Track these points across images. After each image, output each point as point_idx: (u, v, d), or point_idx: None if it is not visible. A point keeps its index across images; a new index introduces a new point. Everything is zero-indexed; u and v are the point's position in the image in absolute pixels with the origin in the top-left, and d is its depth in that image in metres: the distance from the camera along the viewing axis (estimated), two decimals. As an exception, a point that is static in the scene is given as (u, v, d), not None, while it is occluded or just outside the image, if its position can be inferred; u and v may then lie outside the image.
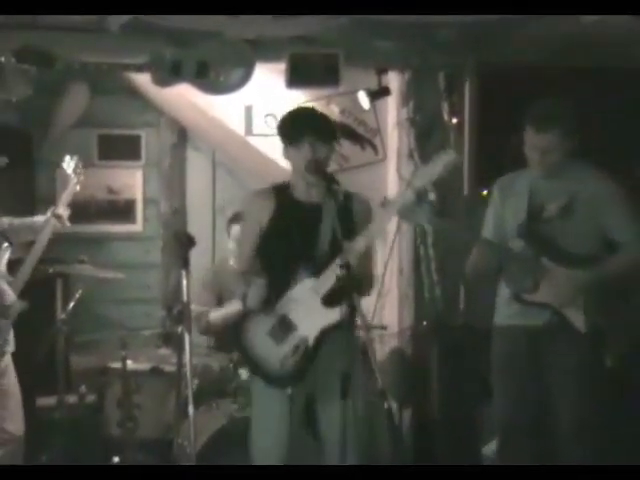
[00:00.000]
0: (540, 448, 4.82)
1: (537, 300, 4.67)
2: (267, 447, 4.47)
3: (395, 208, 4.31)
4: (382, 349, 6.10)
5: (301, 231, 4.41)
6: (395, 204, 4.30)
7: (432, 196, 5.91)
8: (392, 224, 5.64)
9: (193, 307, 4.89)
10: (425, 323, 5.90)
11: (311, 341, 4.35)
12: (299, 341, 4.36)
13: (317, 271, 4.35)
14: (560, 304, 4.62)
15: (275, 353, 4.39)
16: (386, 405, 3.99)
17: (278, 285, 4.41)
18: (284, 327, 4.38)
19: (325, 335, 4.34)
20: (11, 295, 4.90)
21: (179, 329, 5.39)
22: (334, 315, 4.31)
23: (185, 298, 3.95)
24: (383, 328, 6.09)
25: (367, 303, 5.69)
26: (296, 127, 4.41)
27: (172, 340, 5.93)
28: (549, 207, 4.70)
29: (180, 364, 5.42)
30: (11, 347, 4.99)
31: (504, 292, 4.84)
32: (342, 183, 4.36)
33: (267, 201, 4.46)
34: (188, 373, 3.95)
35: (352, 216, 4.45)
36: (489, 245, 4.79)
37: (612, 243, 4.68)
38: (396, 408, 5.81)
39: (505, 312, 4.84)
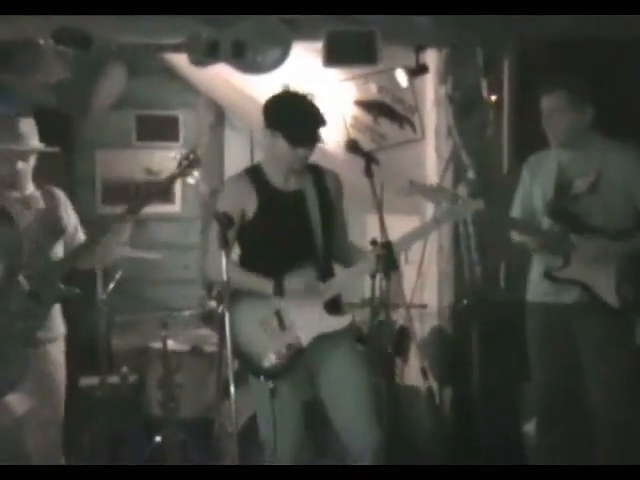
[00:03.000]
0: (576, 428, 4.81)
1: (568, 277, 4.66)
2: (268, 437, 4.36)
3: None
4: (422, 328, 6.09)
5: (294, 224, 4.31)
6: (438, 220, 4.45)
7: (472, 174, 5.88)
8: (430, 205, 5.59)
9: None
10: (465, 301, 5.87)
11: (304, 343, 4.27)
12: (292, 340, 4.25)
13: (322, 272, 4.28)
14: (591, 280, 4.62)
15: (264, 345, 4.27)
16: (427, 384, 3.98)
17: (275, 277, 4.26)
18: (278, 322, 4.27)
19: (320, 340, 4.27)
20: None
21: (220, 309, 5.45)
22: (334, 323, 4.27)
23: (225, 277, 3.94)
24: (423, 307, 6.08)
25: (407, 282, 5.70)
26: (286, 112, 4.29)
27: (212, 320, 5.95)
28: (577, 183, 4.71)
29: (221, 344, 5.46)
30: (62, 329, 4.83)
31: (536, 269, 4.86)
32: (381, 161, 4.32)
33: (248, 189, 4.31)
34: (229, 353, 3.95)
35: (329, 195, 4.39)
36: (517, 224, 4.80)
37: None
38: (436, 387, 5.80)
39: (537, 289, 4.87)
